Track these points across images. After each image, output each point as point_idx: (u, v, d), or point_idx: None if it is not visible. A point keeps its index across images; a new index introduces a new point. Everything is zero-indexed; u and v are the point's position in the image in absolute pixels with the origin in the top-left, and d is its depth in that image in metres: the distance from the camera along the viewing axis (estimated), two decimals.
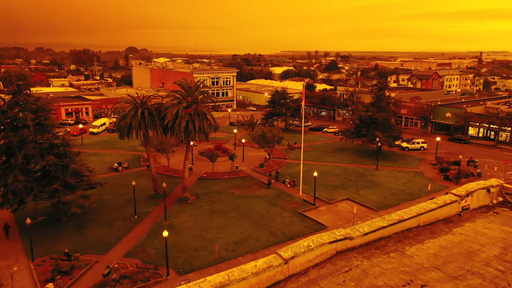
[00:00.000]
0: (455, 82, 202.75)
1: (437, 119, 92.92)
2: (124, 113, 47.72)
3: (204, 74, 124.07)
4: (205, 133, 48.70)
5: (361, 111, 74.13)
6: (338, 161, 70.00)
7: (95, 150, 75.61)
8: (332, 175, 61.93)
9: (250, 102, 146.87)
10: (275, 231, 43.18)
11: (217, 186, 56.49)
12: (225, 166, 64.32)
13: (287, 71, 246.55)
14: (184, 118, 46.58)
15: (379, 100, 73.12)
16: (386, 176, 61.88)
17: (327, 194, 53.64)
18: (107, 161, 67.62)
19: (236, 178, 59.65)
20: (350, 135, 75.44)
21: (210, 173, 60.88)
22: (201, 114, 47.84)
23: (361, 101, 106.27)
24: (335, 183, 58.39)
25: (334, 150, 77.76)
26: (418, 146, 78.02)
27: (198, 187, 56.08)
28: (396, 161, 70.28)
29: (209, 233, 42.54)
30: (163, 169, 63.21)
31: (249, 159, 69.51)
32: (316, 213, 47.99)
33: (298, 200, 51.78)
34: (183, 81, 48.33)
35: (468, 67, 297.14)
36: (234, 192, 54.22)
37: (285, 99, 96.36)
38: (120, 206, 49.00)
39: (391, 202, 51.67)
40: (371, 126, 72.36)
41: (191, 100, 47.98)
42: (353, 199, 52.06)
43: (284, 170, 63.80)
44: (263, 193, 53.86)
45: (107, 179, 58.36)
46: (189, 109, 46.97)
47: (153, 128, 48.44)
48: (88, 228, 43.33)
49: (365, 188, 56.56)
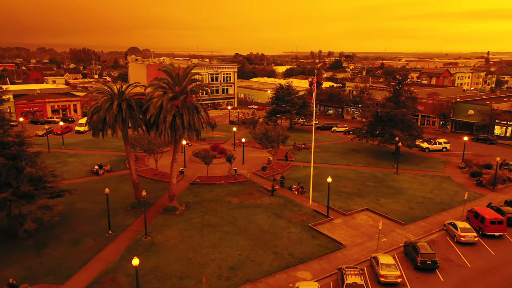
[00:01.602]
0: (467, 80, 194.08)
1: (458, 117, 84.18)
2: (97, 106, 39.38)
3: (202, 69, 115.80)
4: (196, 130, 40.33)
5: (377, 107, 65.55)
6: (351, 163, 61.44)
7: (77, 150, 67.39)
8: (346, 180, 53.42)
9: (252, 100, 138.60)
10: (280, 251, 34.73)
11: (211, 193, 48.09)
12: (222, 169, 55.94)
13: (290, 69, 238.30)
14: (170, 111, 38.24)
15: (397, 95, 64.54)
16: (409, 181, 53.27)
17: (342, 203, 45.16)
18: (88, 163, 59.39)
19: (234, 183, 51.21)
20: (364, 135, 66.91)
21: (204, 178, 52.47)
22: (191, 107, 39.46)
23: (373, 97, 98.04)
24: (350, 189, 49.87)
25: (346, 151, 69.19)
26: (440, 147, 69.38)
27: (189, 194, 47.67)
28: (417, 164, 61.64)
29: (199, 253, 34.13)
30: (151, 172, 54.83)
31: (249, 161, 61.10)
32: (330, 227, 39.49)
33: (308, 210, 43.30)
34: (169, 67, 39.97)
35: (476, 67, 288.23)
36: (232, 200, 45.79)
37: (290, 95, 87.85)
38: (94, 218, 40.66)
39: (419, 213, 43.12)
40: (388, 124, 63.82)
41: (178, 90, 39.63)
42: (373, 209, 43.54)
43: (290, 174, 55.33)
44: (265, 202, 45.43)
45: (84, 184, 50.19)
46: (176, 100, 38.61)
47: (132, 123, 40.12)
48: (49, 247, 34.97)
49: (386, 195, 48.02)
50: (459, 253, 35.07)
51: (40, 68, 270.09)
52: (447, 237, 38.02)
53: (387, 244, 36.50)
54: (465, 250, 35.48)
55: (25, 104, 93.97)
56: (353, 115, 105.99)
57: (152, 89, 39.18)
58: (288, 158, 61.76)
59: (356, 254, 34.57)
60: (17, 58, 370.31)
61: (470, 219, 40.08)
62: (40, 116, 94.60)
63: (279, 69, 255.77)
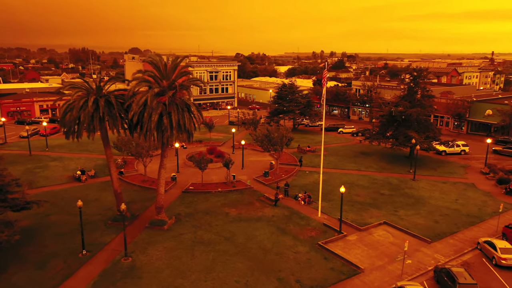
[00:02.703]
0: (475, 80, 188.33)
1: (474, 117, 78.24)
2: (70, 103, 33.64)
3: (201, 67, 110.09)
4: (187, 132, 34.56)
5: (390, 105, 59.69)
6: (362, 168, 55.56)
7: (62, 153, 61.69)
8: (358, 187, 47.59)
9: (253, 99, 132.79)
10: (286, 277, 28.93)
11: (206, 203, 42.28)
12: (219, 174, 50.17)
13: (292, 68, 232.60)
14: (156, 109, 32.48)
15: (412, 93, 58.71)
16: (429, 189, 47.41)
17: (356, 215, 39.33)
18: (71, 168, 53.70)
19: (232, 191, 45.42)
20: (376, 136, 61.04)
21: (199, 185, 46.69)
22: (180, 105, 33.69)
23: (381, 97, 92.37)
24: (363, 198, 44.03)
25: (355, 154, 63.31)
26: (458, 150, 63.44)
27: (181, 204, 41.88)
28: (435, 169, 55.74)
29: (188, 280, 28.35)
30: (139, 178, 49.06)
31: (250, 165, 55.32)
32: (344, 245, 33.66)
33: (317, 224, 37.46)
34: (155, 58, 34.21)
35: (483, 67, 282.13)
36: (229, 212, 39.99)
37: (293, 93, 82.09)
38: (68, 234, 34.91)
39: (445, 227, 37.22)
40: (402, 124, 58.00)
41: (166, 85, 33.88)
42: (392, 223, 37.67)
43: (295, 181, 49.53)
44: (268, 214, 39.62)
45: (63, 193, 44.52)
46: (163, 97, 32.87)
47: (112, 123, 34.37)
48: (8, 271, 29.23)
49: (405, 206, 42.15)
50: (500, 279, 29.19)
51: (38, 68, 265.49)
52: (482, 258, 32.16)
53: (413, 267, 30.65)
54: (508, 276, 29.60)
55: (11, 104, 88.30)
56: (359, 116, 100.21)
57: (135, 83, 33.40)
58: (302, 163, 55.54)
59: (377, 281, 28.72)
60: (17, 59, 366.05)
61: (508, 236, 34.21)
62: (28, 116, 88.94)
63: (281, 69, 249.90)
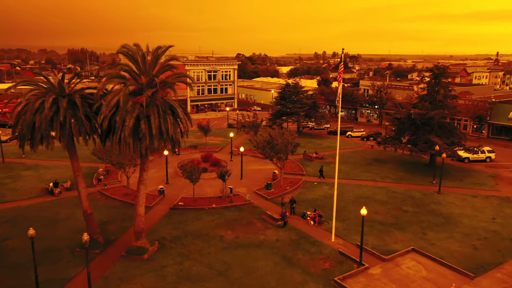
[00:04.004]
0: (485, 80, 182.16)
1: (496, 119, 71.47)
2: (25, 105, 27.07)
3: (198, 66, 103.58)
4: (171, 140, 27.95)
5: (408, 107, 53.00)
6: (378, 178, 48.84)
7: (39, 160, 55.12)
8: (375, 202, 40.88)
9: (254, 101, 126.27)
10: None
11: (197, 223, 35.60)
12: (215, 186, 43.52)
13: (295, 69, 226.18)
14: (131, 112, 25.89)
15: (433, 92, 52.03)
16: (459, 205, 40.67)
17: (377, 240, 32.64)
18: (47, 178, 47.17)
19: (229, 207, 38.75)
20: (391, 141, 54.35)
21: (190, 200, 40.03)
22: (163, 107, 27.08)
23: (392, 97, 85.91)
24: (383, 217, 37.30)
25: (368, 161, 56.57)
26: (483, 157, 56.68)
27: (167, 224, 35.21)
28: (460, 179, 49.00)
29: None
30: (121, 191, 42.42)
31: (250, 175, 48.70)
32: (366, 282, 26.94)
33: (331, 252, 30.77)
34: (132, 48, 27.58)
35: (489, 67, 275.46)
36: (224, 235, 33.32)
37: (297, 94, 75.47)
38: (25, 265, 28.34)
39: (487, 256, 30.45)
40: (422, 128, 51.36)
41: (145, 82, 27.30)
42: (422, 250, 30.93)
43: (302, 194, 42.85)
44: (271, 238, 32.94)
45: (30, 210, 38.04)
46: (141, 96, 26.29)
47: (76, 129, 27.80)
48: None
49: (435, 227, 35.41)
50: None
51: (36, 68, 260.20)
52: None
53: None
54: None
55: None
56: (368, 118, 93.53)
57: (105, 80, 26.78)
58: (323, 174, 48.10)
59: None
60: (16, 60, 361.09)
61: None
62: (11, 118, 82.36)
63: (283, 69, 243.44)
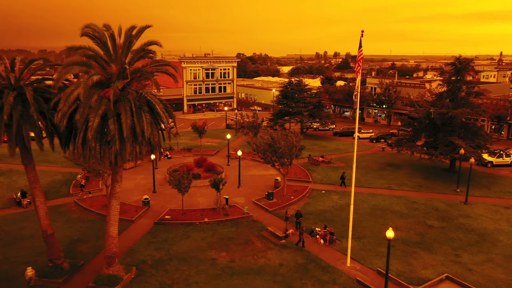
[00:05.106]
0: (492, 79, 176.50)
1: None
2: None
3: (196, 63, 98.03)
4: (148, 143, 22.34)
5: (426, 106, 47.38)
6: (394, 186, 43.19)
7: (14, 165, 49.17)
8: (394, 215, 35.21)
9: (254, 100, 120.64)
10: None
11: (185, 242, 29.94)
12: (208, 195, 37.90)
13: (296, 68, 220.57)
14: (96, 109, 20.30)
15: (455, 89, 46.44)
16: (491, 218, 34.99)
17: (401, 263, 26.96)
18: (18, 186, 41.64)
19: (224, 222, 33.08)
20: (408, 144, 48.73)
21: (179, 213, 34.38)
22: (137, 102, 21.46)
23: (401, 96, 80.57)
24: (406, 234, 31.61)
25: (381, 166, 50.92)
26: (508, 161, 51.05)
27: (150, 244, 29.56)
28: (488, 187, 43.33)
29: None
30: (100, 203, 36.76)
31: (249, 182, 43.09)
32: None
33: (347, 281, 25.09)
34: (99, 29, 21.93)
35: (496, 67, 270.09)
36: (217, 258, 27.64)
37: (301, 92, 69.93)
38: None
39: None
40: (443, 129, 45.77)
41: (116, 71, 21.71)
42: (458, 277, 25.26)
43: (309, 205, 37.19)
44: (273, 262, 27.28)
45: None
46: (109, 89, 20.67)
47: (27, 129, 22.26)
48: None
49: (468, 247, 29.74)
50: None
51: None
52: None
53: None
54: None
55: None
56: (375, 118, 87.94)
57: (63, 67, 21.13)
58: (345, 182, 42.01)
59: None
60: None
61: None
62: None
63: (284, 69, 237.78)
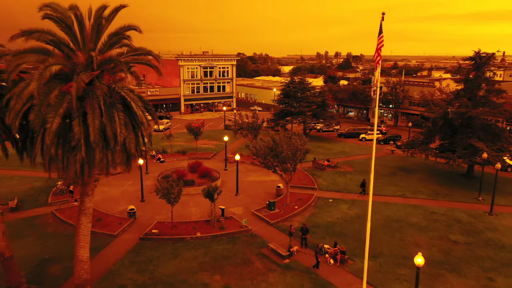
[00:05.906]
0: (498, 78, 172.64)
1: None
2: None
3: (193, 61, 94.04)
4: (123, 149, 18.32)
5: (443, 105, 43.36)
6: (408, 193, 39.08)
7: None
8: (412, 228, 31.12)
9: (254, 100, 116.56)
10: None
11: (174, 262, 25.88)
12: (203, 204, 33.85)
13: (297, 67, 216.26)
14: (56, 107, 16.28)
15: (474, 87, 42.42)
16: None
17: None
18: None
19: (219, 237, 29.00)
20: (422, 147, 44.67)
21: (168, 226, 30.33)
22: (105, 99, 17.41)
23: (408, 95, 76.74)
24: (428, 251, 27.48)
25: (392, 170, 46.85)
26: None
27: (132, 265, 25.48)
28: (510, 193, 39.28)
29: None
30: None
31: (248, 189, 39.03)
32: None
33: None
34: (62, 9, 17.88)
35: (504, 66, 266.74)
36: (210, 283, 23.56)
37: (304, 91, 65.89)
38: None
39: None
40: (461, 131, 41.73)
41: (83, 60, 17.68)
42: None
43: (315, 216, 33.11)
44: (275, 286, 23.21)
45: None
46: (72, 83, 16.62)
47: None
48: None
49: (501, 267, 25.66)
50: None
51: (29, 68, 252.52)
52: None
53: None
54: None
55: None
56: (381, 118, 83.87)
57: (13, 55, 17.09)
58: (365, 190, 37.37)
59: None
60: None
61: None
62: None
63: (285, 69, 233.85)
